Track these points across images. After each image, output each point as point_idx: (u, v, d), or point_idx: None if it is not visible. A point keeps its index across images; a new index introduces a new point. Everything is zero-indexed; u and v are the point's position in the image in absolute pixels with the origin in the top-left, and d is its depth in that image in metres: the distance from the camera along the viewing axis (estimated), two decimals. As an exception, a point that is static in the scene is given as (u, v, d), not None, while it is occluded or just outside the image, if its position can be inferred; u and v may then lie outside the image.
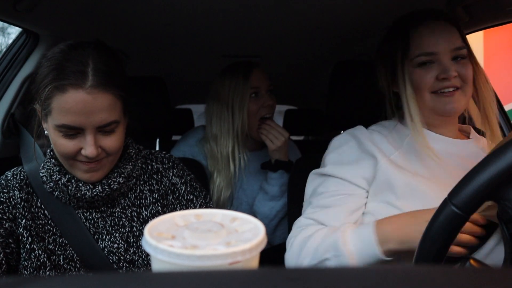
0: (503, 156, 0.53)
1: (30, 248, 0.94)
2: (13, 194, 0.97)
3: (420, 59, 1.01)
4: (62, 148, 0.90)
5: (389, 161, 1.01)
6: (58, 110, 0.87)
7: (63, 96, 0.86)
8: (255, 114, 1.55)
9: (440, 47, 0.99)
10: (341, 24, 1.52)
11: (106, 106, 0.88)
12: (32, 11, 1.23)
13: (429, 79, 1.00)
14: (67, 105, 0.86)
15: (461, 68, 1.00)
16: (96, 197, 0.96)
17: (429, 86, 1.00)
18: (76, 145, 0.89)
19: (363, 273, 0.26)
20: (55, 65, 0.88)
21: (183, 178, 1.07)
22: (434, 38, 1.00)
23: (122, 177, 0.98)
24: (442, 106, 1.00)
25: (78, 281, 0.26)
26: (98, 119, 0.88)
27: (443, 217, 0.56)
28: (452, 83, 0.99)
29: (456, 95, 0.99)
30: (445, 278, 0.25)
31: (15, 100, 1.43)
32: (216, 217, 0.40)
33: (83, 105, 0.86)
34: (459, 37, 1.01)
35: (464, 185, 0.56)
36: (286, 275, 0.26)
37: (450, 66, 0.99)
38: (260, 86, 1.55)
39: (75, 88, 0.85)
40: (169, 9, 1.36)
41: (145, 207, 1.02)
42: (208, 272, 0.28)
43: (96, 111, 0.87)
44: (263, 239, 0.36)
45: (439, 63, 1.00)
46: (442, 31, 1.00)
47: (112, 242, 0.98)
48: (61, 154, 0.92)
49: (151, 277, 0.26)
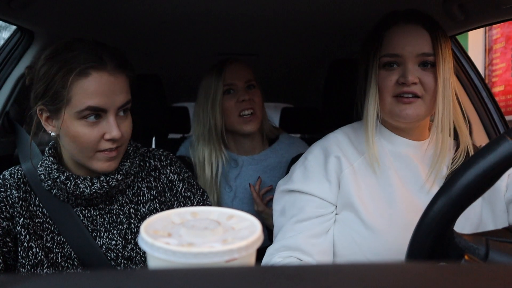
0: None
1: (27, 246, 0.95)
2: (11, 193, 0.97)
3: (385, 60, 0.97)
4: (86, 137, 0.90)
5: (352, 171, 1.00)
6: (81, 95, 0.89)
7: (86, 80, 0.88)
8: (232, 111, 1.48)
9: (405, 50, 0.95)
10: (337, 23, 1.52)
11: (124, 87, 0.94)
12: (26, 9, 1.23)
13: (390, 81, 0.96)
14: (91, 87, 0.89)
15: (425, 76, 0.95)
16: (95, 194, 0.97)
17: (390, 90, 0.96)
18: (100, 131, 0.91)
19: (360, 270, 0.26)
20: (66, 58, 0.90)
21: (181, 175, 1.08)
22: (402, 41, 0.96)
23: (120, 174, 0.99)
24: (399, 111, 0.95)
25: (74, 278, 0.26)
26: (119, 99, 0.92)
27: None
28: (411, 89, 0.94)
29: (415, 103, 0.95)
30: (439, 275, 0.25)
31: (10, 99, 1.42)
32: (213, 215, 0.40)
33: (107, 86, 0.90)
34: (429, 43, 0.95)
35: None
36: (282, 272, 0.26)
37: (412, 71, 0.94)
38: (234, 82, 1.48)
39: (97, 70, 0.89)
40: (165, 7, 1.36)
41: (142, 204, 1.03)
42: (205, 269, 0.28)
43: (118, 91, 0.92)
44: (259, 237, 0.36)
45: (402, 66, 0.96)
46: (411, 35, 0.96)
47: (110, 239, 0.99)
48: (83, 145, 0.91)
49: (148, 275, 0.26)
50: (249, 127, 1.48)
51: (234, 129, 1.50)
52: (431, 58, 0.95)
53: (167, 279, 0.25)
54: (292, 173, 1.05)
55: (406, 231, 0.93)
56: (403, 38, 0.96)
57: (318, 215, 0.99)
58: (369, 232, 0.94)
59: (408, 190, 0.98)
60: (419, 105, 0.95)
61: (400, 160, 1.01)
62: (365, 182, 0.99)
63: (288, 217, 1.01)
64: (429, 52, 0.95)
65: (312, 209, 0.99)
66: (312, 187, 1.00)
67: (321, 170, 1.01)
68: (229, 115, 1.48)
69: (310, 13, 1.42)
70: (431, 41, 0.95)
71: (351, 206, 0.97)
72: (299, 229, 0.98)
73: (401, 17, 0.99)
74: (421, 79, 0.95)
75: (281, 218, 1.03)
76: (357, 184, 0.98)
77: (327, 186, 1.00)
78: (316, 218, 0.98)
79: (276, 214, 1.05)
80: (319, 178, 1.01)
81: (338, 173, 1.00)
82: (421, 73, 0.95)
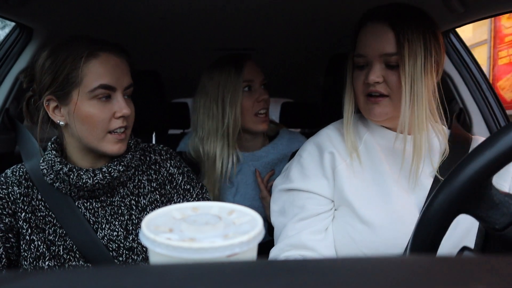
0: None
1: (29, 239, 0.97)
2: (12, 189, 1.00)
3: (356, 60, 0.98)
4: (98, 116, 0.95)
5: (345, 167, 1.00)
6: (92, 74, 0.94)
7: (97, 60, 0.95)
8: (249, 110, 1.46)
9: (369, 51, 0.95)
10: (336, 17, 1.52)
11: (127, 70, 1.01)
12: (25, 5, 1.22)
13: (359, 81, 0.97)
14: (102, 67, 0.95)
15: (390, 75, 0.94)
16: (97, 185, 0.99)
17: (361, 89, 0.98)
18: (111, 110, 0.96)
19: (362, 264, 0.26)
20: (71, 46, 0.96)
21: (180, 169, 1.11)
22: (367, 40, 0.96)
23: (122, 165, 1.01)
24: (368, 110, 0.97)
25: (76, 274, 0.26)
26: (126, 80, 0.99)
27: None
28: (376, 88, 0.95)
29: (382, 102, 0.95)
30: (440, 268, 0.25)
31: (9, 96, 1.42)
32: (214, 210, 0.40)
33: (117, 66, 0.97)
34: (392, 43, 0.93)
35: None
36: (284, 266, 0.26)
37: (375, 71, 0.94)
38: (254, 79, 1.46)
39: (105, 52, 0.96)
40: (164, 3, 1.35)
41: (143, 196, 1.05)
42: (206, 264, 0.28)
43: (123, 72, 0.99)
44: (260, 231, 0.36)
45: (369, 66, 0.96)
46: (376, 34, 0.95)
47: (111, 231, 1.01)
48: (95, 125, 0.95)
49: (149, 270, 0.26)
50: (263, 126, 1.47)
51: (246, 127, 1.48)
52: (394, 58, 0.93)
53: (169, 275, 0.25)
54: (289, 171, 1.05)
55: (402, 225, 0.94)
56: (368, 39, 0.96)
57: (320, 212, 0.99)
58: (365, 227, 0.95)
59: (401, 183, 0.98)
60: (385, 104, 0.95)
61: (392, 154, 1.01)
62: (359, 177, 0.99)
63: (290, 216, 1.00)
64: (391, 52, 0.93)
65: (313, 207, 0.99)
66: (311, 185, 1.00)
67: (318, 167, 1.02)
68: (245, 114, 1.45)
69: (309, 8, 1.42)
70: (395, 40, 0.93)
71: (346, 201, 0.98)
72: (301, 227, 0.98)
73: (369, 17, 0.98)
74: (386, 78, 0.95)
75: (281, 218, 1.03)
76: (351, 180, 0.99)
77: (326, 183, 1.00)
78: (318, 215, 0.99)
79: (275, 214, 1.05)
80: (316, 175, 1.01)
81: (333, 169, 1.01)
82: (386, 72, 0.95)
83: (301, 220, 0.99)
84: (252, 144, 1.55)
